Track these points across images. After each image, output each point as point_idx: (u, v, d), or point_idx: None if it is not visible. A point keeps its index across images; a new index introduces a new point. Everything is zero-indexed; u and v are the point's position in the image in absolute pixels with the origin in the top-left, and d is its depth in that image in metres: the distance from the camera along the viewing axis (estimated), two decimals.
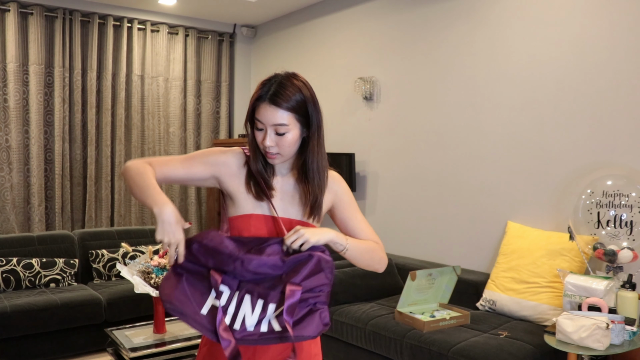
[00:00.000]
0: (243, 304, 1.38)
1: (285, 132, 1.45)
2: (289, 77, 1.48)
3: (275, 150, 1.47)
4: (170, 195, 5.72)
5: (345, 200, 1.61)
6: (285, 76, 1.49)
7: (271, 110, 1.43)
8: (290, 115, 1.45)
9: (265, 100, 1.44)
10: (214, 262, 1.40)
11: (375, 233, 1.63)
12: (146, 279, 3.19)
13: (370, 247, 1.57)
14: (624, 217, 2.67)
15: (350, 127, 4.74)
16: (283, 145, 1.46)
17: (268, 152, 1.47)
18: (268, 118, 1.44)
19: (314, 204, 1.53)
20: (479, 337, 2.84)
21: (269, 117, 1.44)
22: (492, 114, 3.64)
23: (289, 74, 1.50)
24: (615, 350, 2.35)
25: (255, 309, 1.37)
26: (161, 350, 3.13)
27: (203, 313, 1.38)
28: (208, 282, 1.40)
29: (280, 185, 1.55)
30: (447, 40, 3.93)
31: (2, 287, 3.89)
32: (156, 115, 5.60)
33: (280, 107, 1.43)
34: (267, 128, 1.45)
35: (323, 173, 1.54)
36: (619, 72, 3.01)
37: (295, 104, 1.45)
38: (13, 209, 4.87)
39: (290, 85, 1.46)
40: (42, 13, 4.93)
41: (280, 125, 1.44)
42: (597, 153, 3.10)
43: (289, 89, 1.45)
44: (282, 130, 1.44)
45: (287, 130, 1.45)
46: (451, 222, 3.91)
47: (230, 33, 6.01)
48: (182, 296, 1.39)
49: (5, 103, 4.85)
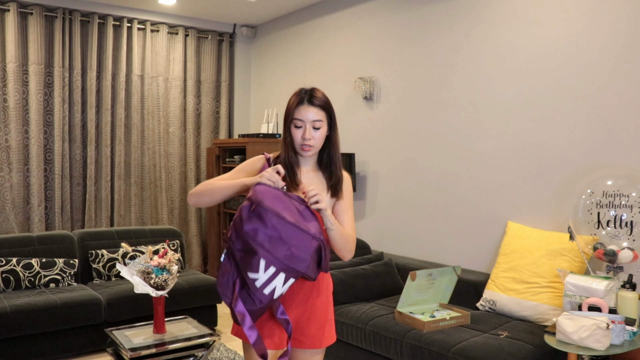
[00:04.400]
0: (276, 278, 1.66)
1: (320, 127, 1.89)
2: (315, 88, 1.93)
3: (312, 143, 1.88)
4: (170, 194, 5.72)
5: (345, 196, 1.98)
6: (312, 88, 1.93)
7: (310, 109, 1.87)
8: (323, 113, 1.89)
9: (304, 103, 1.88)
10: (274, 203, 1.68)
11: (355, 230, 1.99)
12: (146, 279, 3.19)
13: (348, 236, 1.91)
14: (624, 217, 2.67)
15: (350, 127, 4.74)
16: (317, 138, 1.89)
17: (305, 145, 1.88)
18: (308, 115, 1.87)
19: (336, 185, 1.94)
20: (479, 337, 2.84)
21: (309, 114, 1.87)
22: (492, 114, 3.64)
23: (313, 87, 1.94)
24: (615, 351, 2.35)
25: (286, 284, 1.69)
26: (161, 350, 3.13)
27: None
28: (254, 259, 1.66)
29: (304, 179, 1.93)
30: (447, 40, 3.93)
31: (1, 287, 3.89)
32: (156, 115, 5.60)
33: (317, 107, 1.88)
34: (307, 124, 1.87)
35: (340, 163, 1.98)
36: (619, 72, 3.01)
37: (325, 104, 1.91)
38: (13, 209, 4.87)
39: (319, 92, 1.92)
40: (42, 13, 4.93)
41: (317, 120, 1.87)
42: (597, 153, 3.10)
43: (320, 94, 1.91)
44: (318, 125, 1.88)
45: (321, 126, 1.89)
46: (451, 222, 3.91)
47: (230, 33, 6.01)
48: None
49: (5, 103, 4.85)
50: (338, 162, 1.97)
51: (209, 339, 3.27)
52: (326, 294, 1.97)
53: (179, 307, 4.09)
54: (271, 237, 1.62)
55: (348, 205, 1.98)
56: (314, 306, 1.91)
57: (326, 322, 1.95)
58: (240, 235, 1.66)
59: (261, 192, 1.67)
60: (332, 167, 1.97)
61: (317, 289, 1.92)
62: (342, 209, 1.97)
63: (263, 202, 1.63)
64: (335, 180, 1.95)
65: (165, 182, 5.66)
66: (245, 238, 1.64)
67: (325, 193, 1.95)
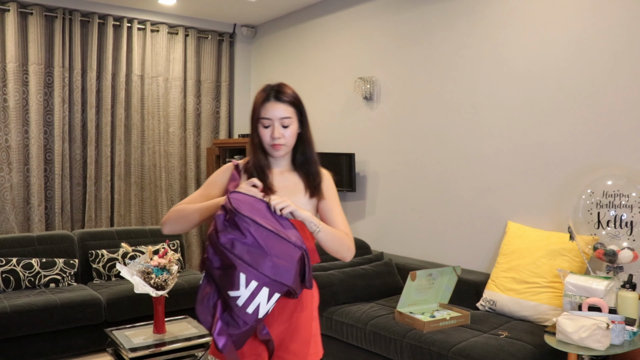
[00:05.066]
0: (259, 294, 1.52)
1: (289, 125, 1.77)
2: (282, 83, 1.81)
3: (282, 142, 1.76)
4: (170, 194, 5.72)
5: (330, 194, 1.87)
6: (278, 83, 1.81)
7: (277, 106, 1.75)
8: (292, 109, 1.77)
9: (271, 100, 1.76)
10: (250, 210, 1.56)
11: (348, 227, 1.87)
12: (146, 279, 3.19)
13: (340, 235, 1.78)
14: (624, 217, 2.67)
15: (350, 127, 4.74)
16: (288, 136, 1.77)
17: (275, 144, 1.76)
18: (275, 113, 1.75)
19: (314, 185, 1.83)
20: (479, 337, 2.84)
21: (276, 112, 1.75)
22: (492, 114, 3.64)
23: (280, 82, 1.82)
24: (615, 351, 2.35)
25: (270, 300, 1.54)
26: (161, 350, 3.13)
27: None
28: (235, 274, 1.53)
29: (277, 182, 1.81)
30: (447, 40, 3.93)
31: (1, 287, 3.89)
32: (156, 115, 5.59)
33: (284, 103, 1.76)
34: (275, 123, 1.75)
35: (316, 161, 1.86)
36: (619, 71, 3.01)
37: (293, 99, 1.79)
38: (13, 209, 4.86)
39: (286, 87, 1.80)
40: (42, 13, 4.93)
41: (285, 118, 1.75)
42: (597, 153, 3.10)
43: (287, 89, 1.79)
44: (286, 123, 1.76)
45: (290, 123, 1.77)
46: (451, 222, 3.91)
47: (230, 33, 6.01)
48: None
49: (5, 103, 4.85)
50: (314, 160, 1.85)
51: (209, 339, 3.27)
52: (310, 309, 1.84)
53: (179, 307, 4.09)
54: (250, 247, 1.49)
55: (335, 203, 1.87)
56: (297, 322, 1.77)
57: (311, 338, 1.82)
58: (217, 249, 1.52)
59: (236, 200, 1.54)
60: (307, 166, 1.85)
61: (301, 304, 1.79)
62: (329, 208, 1.85)
63: (239, 209, 1.51)
64: (313, 179, 1.84)
65: (165, 182, 5.66)
66: (222, 251, 1.50)
67: (304, 194, 1.82)
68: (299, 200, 1.80)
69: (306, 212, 1.66)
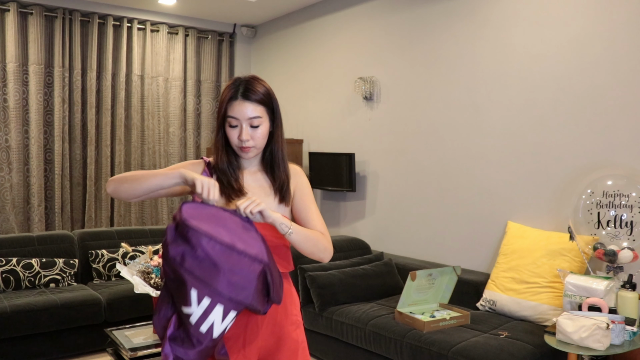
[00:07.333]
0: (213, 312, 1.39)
1: (259, 125, 1.61)
2: (252, 77, 1.64)
3: (251, 144, 1.61)
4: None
5: (304, 192, 1.74)
6: (248, 77, 1.64)
7: (245, 105, 1.59)
8: (262, 108, 1.61)
9: (238, 98, 1.59)
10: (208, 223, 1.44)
11: (324, 226, 1.73)
12: (146, 279, 3.19)
13: (314, 235, 1.65)
14: (624, 217, 2.67)
15: (350, 127, 4.74)
16: (258, 137, 1.62)
17: (244, 147, 1.61)
18: (243, 113, 1.59)
19: (283, 189, 1.69)
20: (479, 337, 2.84)
21: (243, 112, 1.59)
22: (492, 114, 3.64)
23: (251, 75, 1.65)
24: (615, 351, 2.35)
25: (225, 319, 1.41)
26: (161, 350, 3.12)
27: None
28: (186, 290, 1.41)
29: (248, 184, 1.68)
30: (447, 40, 3.93)
31: (1, 287, 3.89)
32: (156, 115, 5.59)
33: (253, 102, 1.59)
34: (242, 123, 1.59)
35: (286, 161, 1.72)
36: (618, 71, 3.01)
37: (264, 97, 1.62)
38: (13, 209, 4.86)
39: (256, 83, 1.63)
40: (42, 13, 4.93)
41: (254, 118, 1.60)
42: (597, 153, 3.10)
43: (257, 86, 1.62)
44: (256, 123, 1.60)
45: (260, 123, 1.61)
46: (451, 222, 3.91)
47: (230, 33, 6.01)
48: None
49: (5, 103, 4.85)
50: (282, 162, 1.70)
51: None
52: (294, 314, 1.72)
53: None
54: (202, 262, 1.35)
55: (309, 200, 1.73)
56: (282, 330, 1.66)
57: (298, 347, 1.70)
58: (167, 262, 1.40)
59: (187, 211, 1.41)
60: (274, 168, 1.69)
61: (284, 310, 1.67)
62: (303, 207, 1.72)
63: (188, 220, 1.37)
64: (280, 183, 1.68)
65: None
66: (171, 265, 1.38)
67: (274, 197, 1.69)
68: (271, 203, 1.69)
69: (276, 213, 1.56)
